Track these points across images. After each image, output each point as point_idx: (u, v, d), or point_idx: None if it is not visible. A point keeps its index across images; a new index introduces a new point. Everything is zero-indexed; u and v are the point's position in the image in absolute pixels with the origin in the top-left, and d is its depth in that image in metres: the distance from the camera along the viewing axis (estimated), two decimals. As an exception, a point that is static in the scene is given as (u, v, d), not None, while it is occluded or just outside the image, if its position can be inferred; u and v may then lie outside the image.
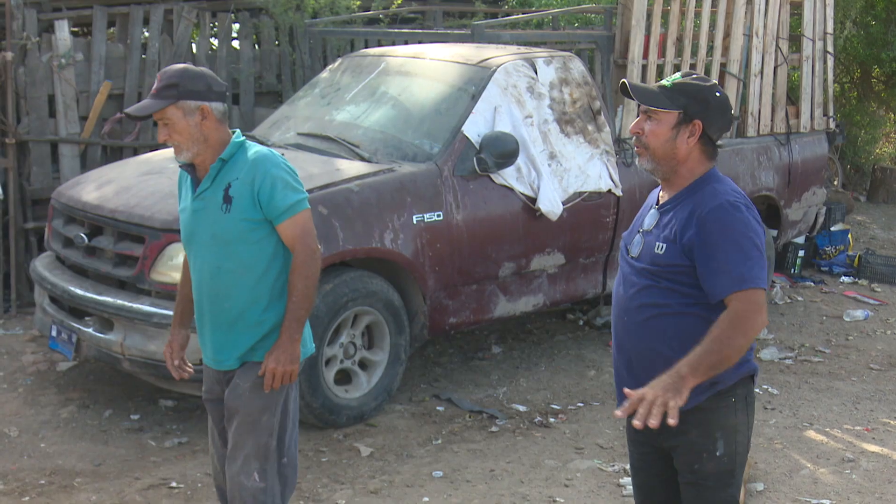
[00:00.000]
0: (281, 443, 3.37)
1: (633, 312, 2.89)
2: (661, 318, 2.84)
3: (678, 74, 2.94)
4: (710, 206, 2.79)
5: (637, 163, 2.96)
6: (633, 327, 2.90)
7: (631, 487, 4.51)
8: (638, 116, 2.94)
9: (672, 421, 2.61)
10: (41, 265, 5.59)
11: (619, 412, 2.70)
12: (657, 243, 2.85)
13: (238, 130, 3.36)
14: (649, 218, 2.94)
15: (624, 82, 2.89)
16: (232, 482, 3.33)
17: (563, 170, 5.88)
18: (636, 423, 2.63)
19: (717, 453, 2.87)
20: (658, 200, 2.97)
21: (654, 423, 2.61)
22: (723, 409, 2.87)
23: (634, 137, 2.93)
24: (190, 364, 3.53)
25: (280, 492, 3.39)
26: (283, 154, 5.46)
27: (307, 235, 3.23)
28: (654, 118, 2.87)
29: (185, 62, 3.35)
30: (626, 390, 2.72)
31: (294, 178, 3.26)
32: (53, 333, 5.28)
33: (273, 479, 3.35)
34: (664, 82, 2.92)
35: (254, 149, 3.29)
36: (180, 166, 3.34)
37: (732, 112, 2.99)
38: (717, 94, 2.88)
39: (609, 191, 6.11)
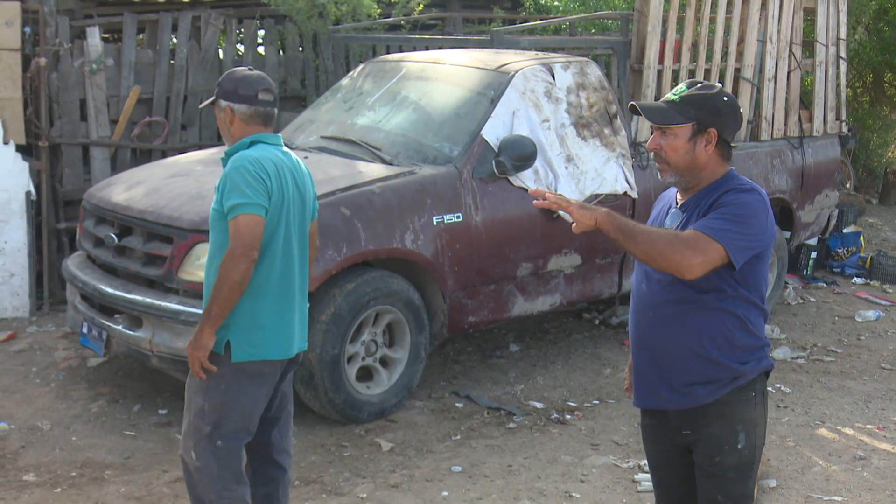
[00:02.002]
0: (217, 430, 3.46)
1: (660, 308, 2.89)
2: (689, 313, 2.84)
3: (682, 86, 2.91)
4: (726, 189, 2.83)
5: (660, 178, 2.95)
6: (660, 322, 2.90)
7: (645, 484, 4.54)
8: (653, 131, 2.93)
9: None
10: (73, 264, 5.63)
11: (535, 190, 2.76)
12: None
13: (270, 134, 3.48)
14: (671, 217, 2.94)
15: (633, 105, 2.89)
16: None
17: (580, 172, 5.87)
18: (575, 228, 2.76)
19: (739, 446, 2.88)
20: (676, 202, 2.97)
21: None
22: (743, 402, 2.88)
23: (653, 154, 2.92)
24: None
25: (218, 473, 3.49)
26: (306, 157, 5.55)
27: (236, 237, 3.30)
28: (669, 133, 2.87)
29: (248, 66, 3.57)
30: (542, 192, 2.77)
31: (246, 183, 3.31)
32: (84, 330, 5.31)
33: (209, 461, 3.47)
34: (671, 97, 2.89)
35: (248, 151, 3.41)
36: None
37: (741, 111, 2.99)
38: (725, 98, 2.88)
39: (625, 193, 6.10)
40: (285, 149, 3.57)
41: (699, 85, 2.91)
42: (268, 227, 3.37)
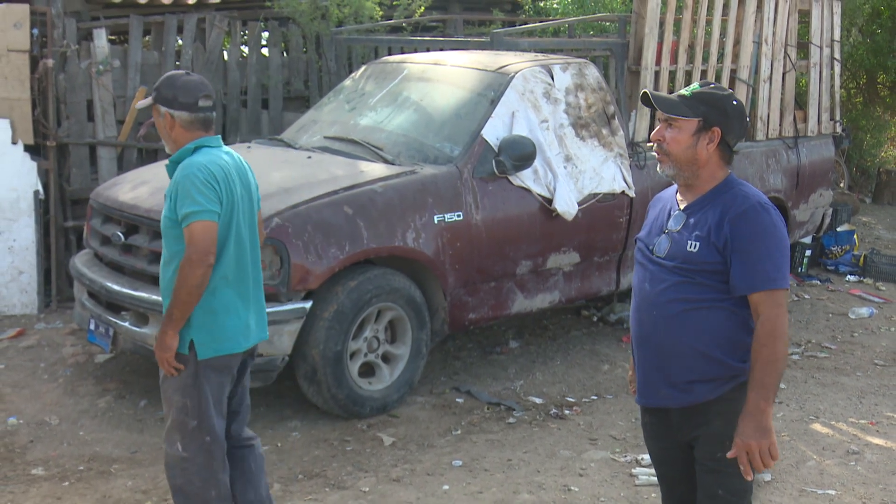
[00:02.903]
0: (202, 423, 3.55)
1: (664, 307, 2.89)
2: (693, 312, 2.85)
3: (696, 84, 2.95)
4: (743, 207, 2.81)
5: (659, 169, 2.96)
6: (663, 321, 2.90)
7: (643, 478, 4.55)
8: (658, 124, 2.94)
9: (770, 469, 2.78)
10: (80, 262, 5.63)
11: (748, 477, 2.80)
12: (689, 242, 2.85)
13: (211, 137, 3.54)
14: (674, 220, 2.94)
15: (646, 92, 2.90)
16: (165, 450, 3.64)
17: (579, 172, 5.87)
18: (749, 477, 2.79)
19: None
20: (678, 204, 2.97)
21: (767, 474, 2.74)
22: (743, 399, 2.87)
23: (656, 145, 2.93)
24: None
25: (206, 464, 3.58)
26: (309, 157, 5.56)
27: (192, 245, 3.36)
28: (675, 126, 2.87)
29: (186, 69, 3.61)
30: (731, 456, 2.81)
31: (197, 191, 3.36)
32: (91, 327, 5.31)
33: (197, 453, 3.56)
34: (683, 92, 2.92)
35: (193, 157, 3.46)
36: None
37: (748, 120, 3.01)
38: (734, 102, 2.90)
39: (622, 192, 6.10)
40: (226, 147, 3.65)
41: (712, 85, 2.94)
42: (220, 230, 3.44)
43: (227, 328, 3.53)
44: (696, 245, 2.84)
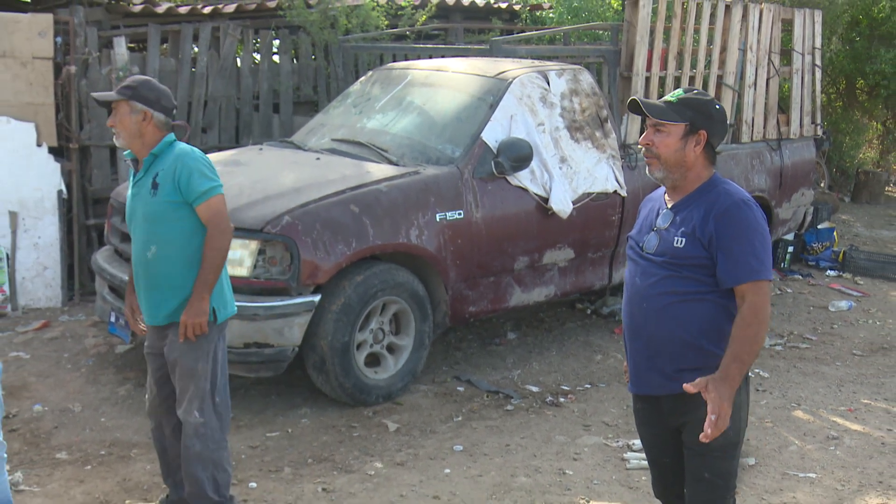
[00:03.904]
0: (213, 386, 3.69)
1: (654, 299, 2.89)
2: (681, 304, 2.85)
3: (679, 91, 2.94)
4: (726, 204, 2.82)
5: (648, 172, 2.95)
6: (654, 313, 2.90)
7: (634, 462, 4.56)
8: (646, 128, 2.93)
9: (720, 428, 2.73)
10: (101, 258, 5.64)
11: (703, 438, 2.75)
12: (676, 238, 2.86)
13: (172, 134, 3.67)
14: (662, 218, 2.94)
15: (634, 100, 2.89)
16: (182, 421, 3.70)
17: (573, 172, 5.87)
18: (703, 438, 2.74)
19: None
20: (665, 203, 2.97)
21: (714, 435, 2.73)
22: None
23: (644, 149, 2.92)
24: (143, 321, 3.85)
25: (218, 426, 3.72)
26: (318, 158, 5.56)
27: (218, 216, 3.54)
28: (663, 131, 2.87)
29: (168, 77, 3.68)
30: (693, 390, 2.76)
31: (209, 169, 3.55)
32: (112, 319, 5.32)
33: (210, 416, 3.69)
34: (669, 98, 2.91)
35: (179, 146, 3.61)
36: (126, 161, 3.74)
37: (729, 121, 3.01)
38: (717, 106, 2.91)
39: (615, 192, 6.10)
40: None
41: (695, 91, 2.93)
42: None
43: (229, 293, 3.75)
44: (682, 241, 2.84)
